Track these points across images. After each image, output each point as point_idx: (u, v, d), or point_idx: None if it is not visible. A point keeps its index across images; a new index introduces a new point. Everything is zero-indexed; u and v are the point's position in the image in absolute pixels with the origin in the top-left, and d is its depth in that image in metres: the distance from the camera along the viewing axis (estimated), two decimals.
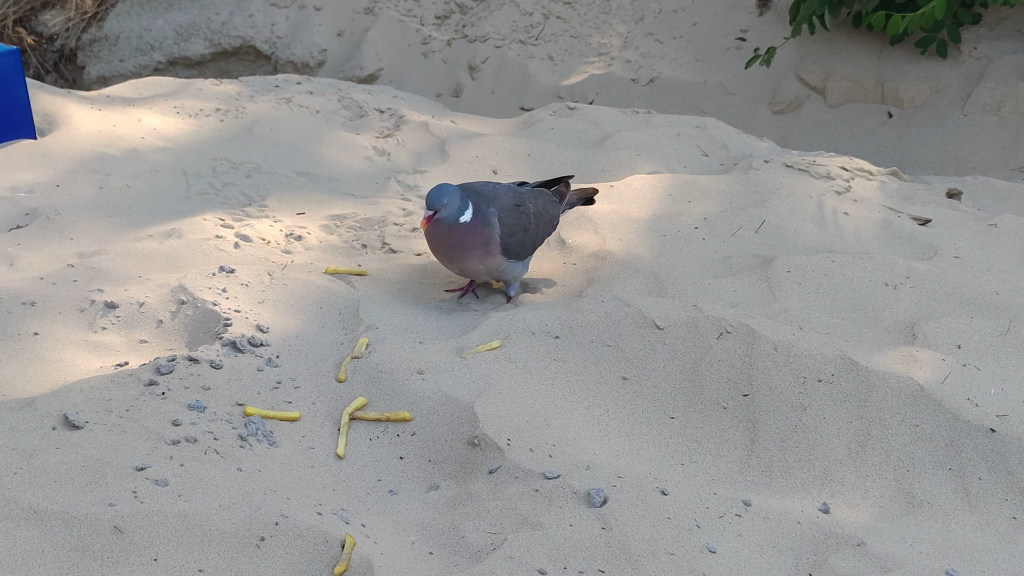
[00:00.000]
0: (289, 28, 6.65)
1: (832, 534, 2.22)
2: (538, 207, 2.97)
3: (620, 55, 6.18)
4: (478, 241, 2.84)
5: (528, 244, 2.94)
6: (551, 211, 3.03)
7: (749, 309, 2.91)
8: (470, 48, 6.35)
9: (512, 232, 2.89)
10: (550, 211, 3.02)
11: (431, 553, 2.13)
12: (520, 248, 2.92)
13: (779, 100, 5.80)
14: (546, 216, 3.00)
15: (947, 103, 5.47)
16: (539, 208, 2.98)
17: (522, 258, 2.95)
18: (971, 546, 2.28)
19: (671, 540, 2.15)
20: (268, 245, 3.17)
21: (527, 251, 2.95)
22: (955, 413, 2.50)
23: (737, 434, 2.51)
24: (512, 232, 2.89)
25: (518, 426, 2.42)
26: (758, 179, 3.65)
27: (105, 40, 7.00)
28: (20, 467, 2.13)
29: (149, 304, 2.79)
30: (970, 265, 3.22)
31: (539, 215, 2.97)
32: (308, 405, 2.50)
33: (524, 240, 2.92)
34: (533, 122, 4.38)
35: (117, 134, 3.90)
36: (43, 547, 1.97)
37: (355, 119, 4.37)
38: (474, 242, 2.84)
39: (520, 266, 2.96)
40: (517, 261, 2.94)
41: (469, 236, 2.83)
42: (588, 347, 2.68)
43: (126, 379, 2.45)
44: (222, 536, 2.05)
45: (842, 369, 2.59)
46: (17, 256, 3.04)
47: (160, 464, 2.19)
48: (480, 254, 2.85)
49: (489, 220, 2.86)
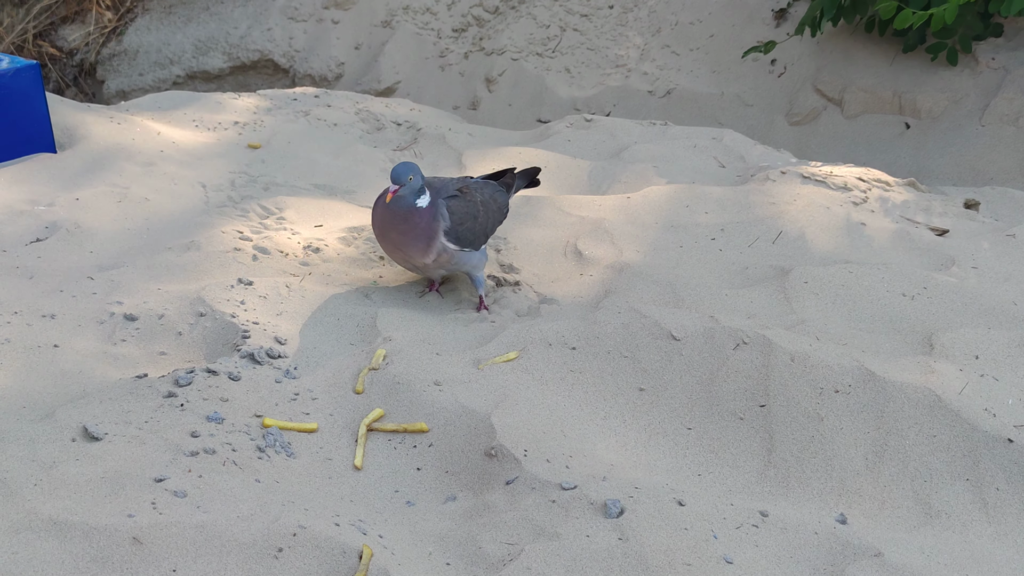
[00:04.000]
0: (307, 42, 6.67)
1: (849, 544, 2.22)
2: (485, 196, 3.04)
3: (637, 67, 6.18)
4: (426, 231, 2.88)
5: (479, 232, 2.99)
6: (499, 199, 3.11)
7: (766, 320, 2.91)
8: (487, 61, 6.36)
9: (462, 220, 2.94)
10: (498, 199, 3.10)
11: (448, 564, 2.14)
12: (472, 236, 2.97)
13: (796, 111, 5.80)
14: (494, 204, 3.07)
15: (965, 114, 5.46)
16: (486, 197, 3.05)
17: (476, 247, 2.99)
18: (989, 557, 2.27)
19: (688, 551, 2.15)
20: (286, 257, 3.18)
21: (479, 239, 3.00)
22: (973, 423, 2.50)
23: (754, 445, 2.51)
24: (462, 220, 2.94)
25: (535, 437, 2.43)
26: (775, 190, 3.65)
27: (124, 54, 7.04)
28: (40, 478, 2.14)
29: (168, 316, 2.81)
30: (988, 275, 3.22)
31: (487, 203, 3.04)
32: (326, 416, 2.51)
33: (475, 228, 2.98)
34: (550, 134, 4.39)
35: (136, 148, 3.92)
36: (63, 558, 1.98)
37: (372, 132, 4.39)
38: (423, 232, 2.88)
39: (476, 256, 3.00)
40: (472, 251, 2.98)
41: (422, 223, 2.87)
42: (605, 358, 2.68)
43: (145, 391, 2.46)
44: (240, 547, 2.05)
45: (859, 380, 2.58)
46: (37, 269, 3.05)
47: (179, 475, 2.20)
48: (424, 245, 2.89)
49: (439, 210, 2.91)
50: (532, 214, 3.53)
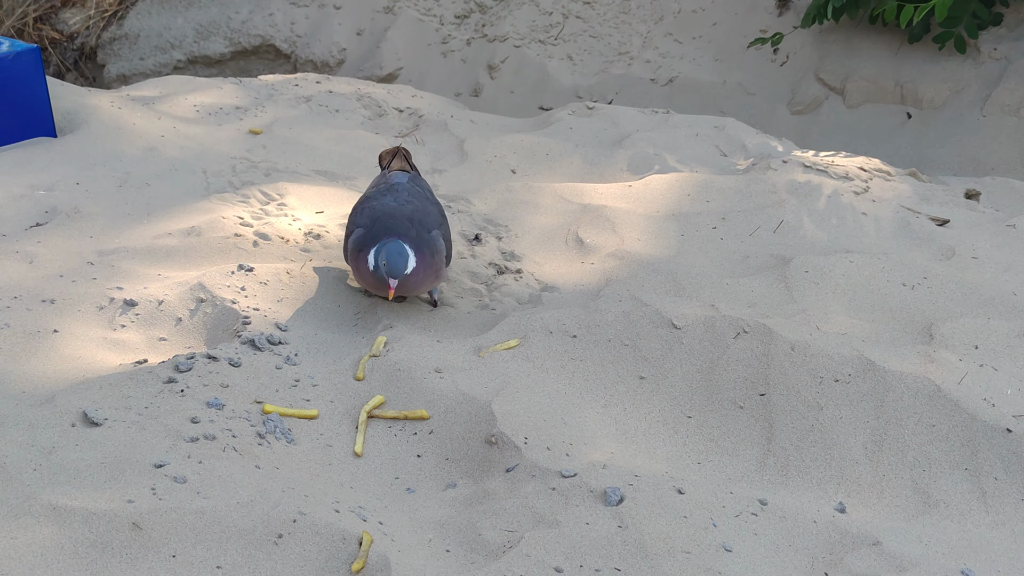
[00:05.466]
0: (309, 27, 6.66)
1: (848, 533, 2.22)
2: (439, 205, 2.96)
3: (639, 55, 6.18)
4: (431, 274, 2.80)
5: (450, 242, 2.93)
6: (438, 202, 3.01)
7: (766, 309, 2.91)
8: (489, 47, 6.35)
9: (449, 245, 2.89)
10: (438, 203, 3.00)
11: (448, 551, 2.14)
12: (450, 251, 2.91)
13: (798, 101, 5.79)
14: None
15: (966, 104, 5.45)
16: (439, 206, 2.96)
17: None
18: (987, 546, 2.27)
19: (687, 539, 2.16)
20: (287, 244, 3.18)
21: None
22: (972, 413, 2.50)
23: (754, 433, 2.51)
24: (449, 245, 2.89)
25: (535, 425, 2.43)
26: (776, 179, 3.65)
27: (125, 38, 7.03)
28: (40, 464, 2.14)
29: (168, 302, 2.81)
30: (988, 266, 3.22)
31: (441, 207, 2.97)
32: (326, 403, 2.51)
33: (449, 242, 2.91)
34: (552, 122, 4.38)
35: (137, 132, 3.91)
36: (62, 543, 1.99)
37: (374, 118, 4.38)
38: (427, 276, 2.79)
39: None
40: None
41: (421, 271, 2.76)
42: (605, 346, 2.68)
43: (145, 376, 2.46)
44: (240, 533, 2.06)
45: (859, 369, 2.59)
46: (37, 254, 3.05)
47: (179, 461, 2.20)
48: (429, 283, 2.82)
49: (436, 247, 2.81)
50: (533, 202, 3.53)
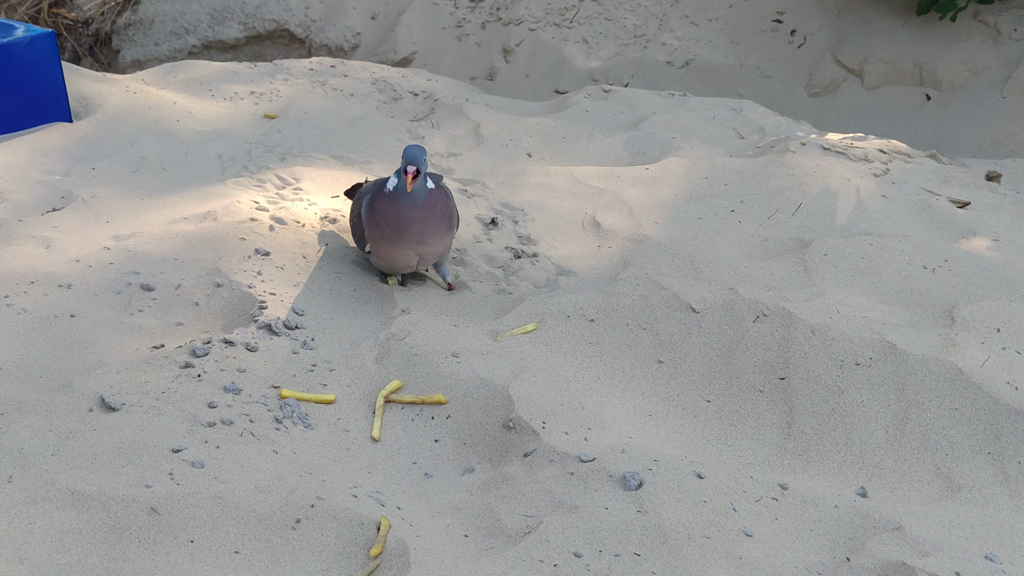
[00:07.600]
0: (323, 11, 6.65)
1: (870, 518, 2.21)
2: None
3: (655, 37, 6.15)
4: (444, 214, 2.75)
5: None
6: None
7: (786, 292, 2.89)
8: (504, 31, 6.33)
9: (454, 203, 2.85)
10: None
11: (466, 536, 2.13)
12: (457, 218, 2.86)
13: (816, 83, 5.76)
14: None
15: (986, 85, 5.42)
16: None
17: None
18: (1010, 530, 2.26)
19: (707, 524, 2.14)
20: (303, 228, 3.17)
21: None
22: (994, 397, 2.48)
23: (774, 417, 2.49)
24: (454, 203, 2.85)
25: (553, 409, 2.42)
26: (795, 162, 3.62)
27: (140, 24, 7.03)
28: (57, 449, 2.13)
29: (185, 287, 2.80)
30: (1009, 248, 3.19)
31: None
32: (343, 388, 2.50)
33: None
34: (568, 105, 4.36)
35: (152, 117, 3.91)
36: (80, 528, 1.98)
37: (389, 102, 4.37)
38: (441, 216, 2.74)
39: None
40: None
41: (439, 204, 2.72)
42: (623, 330, 2.66)
43: (162, 361, 2.46)
44: (258, 518, 2.05)
45: (880, 352, 2.57)
46: (53, 239, 3.05)
47: (196, 446, 2.20)
48: (445, 227, 2.77)
49: (450, 192, 2.77)
50: (550, 185, 3.51)
